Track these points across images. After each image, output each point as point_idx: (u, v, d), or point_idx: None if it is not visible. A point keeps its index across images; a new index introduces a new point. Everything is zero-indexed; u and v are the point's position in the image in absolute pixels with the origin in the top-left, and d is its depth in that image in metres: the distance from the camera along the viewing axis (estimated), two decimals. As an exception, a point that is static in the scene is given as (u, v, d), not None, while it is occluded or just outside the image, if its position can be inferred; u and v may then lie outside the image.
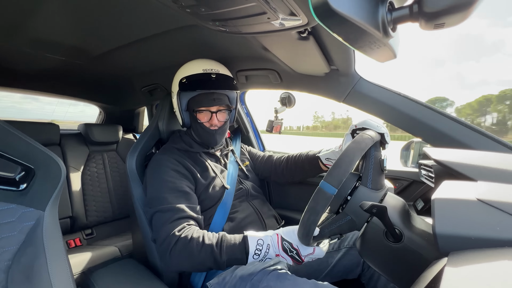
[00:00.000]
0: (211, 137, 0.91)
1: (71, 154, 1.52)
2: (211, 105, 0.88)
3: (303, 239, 0.58)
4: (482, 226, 0.37)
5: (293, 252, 0.64)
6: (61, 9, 0.74)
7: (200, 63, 0.92)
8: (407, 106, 0.89)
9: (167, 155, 0.87)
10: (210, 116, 0.90)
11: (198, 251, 0.67)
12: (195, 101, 0.88)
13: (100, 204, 1.58)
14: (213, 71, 0.89)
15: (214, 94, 0.88)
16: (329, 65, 0.92)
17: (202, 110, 0.89)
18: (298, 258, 0.64)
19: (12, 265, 0.49)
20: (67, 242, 1.44)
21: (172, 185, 0.79)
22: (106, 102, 1.84)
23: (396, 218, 0.58)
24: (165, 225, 0.72)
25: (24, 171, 0.52)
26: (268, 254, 0.66)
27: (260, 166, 1.10)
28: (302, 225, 0.57)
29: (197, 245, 0.68)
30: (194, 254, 0.67)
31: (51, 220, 0.54)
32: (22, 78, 1.33)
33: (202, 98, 0.88)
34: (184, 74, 0.89)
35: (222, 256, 0.67)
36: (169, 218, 0.73)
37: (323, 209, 0.53)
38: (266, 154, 1.13)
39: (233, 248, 0.67)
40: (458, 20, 0.34)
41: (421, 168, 0.89)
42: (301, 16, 0.57)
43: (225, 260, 0.67)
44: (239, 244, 0.68)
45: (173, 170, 0.82)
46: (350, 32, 0.37)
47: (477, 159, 0.54)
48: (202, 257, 0.67)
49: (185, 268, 0.70)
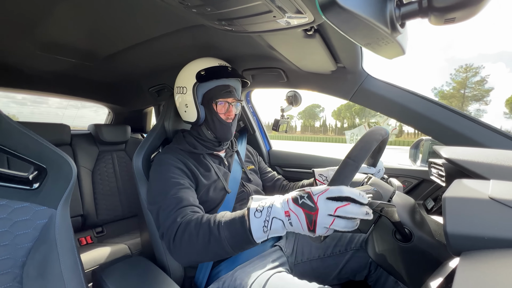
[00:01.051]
0: (228, 129, 0.92)
1: (82, 154, 1.55)
2: (228, 96, 0.90)
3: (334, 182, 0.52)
4: (496, 225, 0.36)
5: (304, 196, 0.51)
6: (71, 12, 0.76)
7: (212, 59, 0.94)
8: (417, 103, 0.88)
9: (170, 154, 0.87)
10: (227, 107, 0.91)
11: (196, 233, 0.61)
12: (212, 93, 0.90)
13: (110, 202, 1.61)
14: (225, 65, 0.93)
15: (230, 87, 0.91)
16: (335, 62, 0.91)
17: (221, 101, 0.90)
18: (310, 204, 0.49)
19: (27, 261, 0.51)
20: (79, 240, 1.48)
21: (174, 180, 0.79)
22: (114, 102, 1.87)
23: (406, 218, 0.58)
24: (169, 216, 0.70)
25: (37, 171, 0.53)
26: (272, 211, 0.53)
27: (263, 183, 1.09)
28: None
29: (195, 226, 0.62)
30: (193, 237, 0.62)
31: (63, 218, 0.56)
32: (33, 79, 1.36)
33: (220, 89, 0.89)
34: (200, 67, 0.90)
35: (221, 232, 0.58)
36: (172, 208, 0.71)
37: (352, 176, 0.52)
38: (275, 176, 1.12)
39: (233, 220, 0.58)
40: (468, 15, 0.33)
41: (431, 167, 0.87)
42: (307, 14, 0.57)
43: (227, 236, 0.58)
44: (240, 214, 0.58)
45: (176, 168, 0.83)
46: (357, 29, 0.37)
47: (490, 157, 0.52)
48: (201, 239, 0.60)
49: (191, 257, 0.65)
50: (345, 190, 0.49)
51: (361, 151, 0.54)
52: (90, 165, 1.58)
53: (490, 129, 0.78)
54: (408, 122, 0.90)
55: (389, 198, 0.63)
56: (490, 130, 0.78)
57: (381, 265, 0.64)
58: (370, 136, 0.56)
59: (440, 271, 0.43)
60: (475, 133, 0.79)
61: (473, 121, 0.80)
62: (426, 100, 0.87)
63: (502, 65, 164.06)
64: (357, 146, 0.55)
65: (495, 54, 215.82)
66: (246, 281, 0.73)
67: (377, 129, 0.59)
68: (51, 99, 7.91)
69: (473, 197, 0.40)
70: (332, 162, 1.23)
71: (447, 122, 0.83)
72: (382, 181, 0.70)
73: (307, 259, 0.90)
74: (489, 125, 0.79)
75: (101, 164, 1.63)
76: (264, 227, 0.53)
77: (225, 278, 0.78)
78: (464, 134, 0.80)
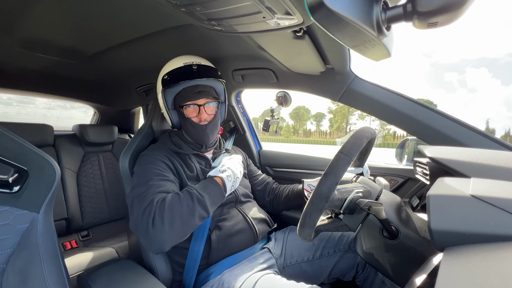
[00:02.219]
0: (203, 132, 0.88)
1: (66, 155, 1.50)
2: (196, 98, 0.85)
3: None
4: (476, 221, 0.38)
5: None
6: (54, 8, 0.73)
7: (181, 58, 0.90)
8: (402, 104, 0.90)
9: (155, 151, 0.85)
10: (198, 110, 0.87)
11: (179, 202, 0.69)
12: (180, 96, 0.86)
13: (96, 205, 1.56)
14: (194, 63, 0.88)
15: (199, 87, 0.86)
16: (324, 64, 0.93)
17: (189, 105, 0.86)
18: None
19: (7, 268, 0.48)
20: (63, 244, 1.43)
21: (157, 171, 0.77)
22: (100, 102, 1.82)
23: (392, 215, 0.59)
24: (144, 200, 0.69)
25: (17, 173, 0.51)
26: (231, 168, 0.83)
27: (253, 187, 1.07)
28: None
29: (174, 198, 0.70)
30: (176, 206, 0.68)
31: (46, 222, 0.54)
32: (14, 78, 1.30)
33: (187, 92, 0.85)
34: (166, 70, 0.88)
35: (202, 194, 0.73)
36: (149, 193, 0.70)
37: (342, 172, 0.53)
38: (265, 179, 1.11)
39: (205, 184, 0.77)
40: (450, 19, 0.35)
41: (416, 166, 0.90)
42: (296, 15, 0.57)
43: (206, 197, 0.73)
44: (208, 179, 0.79)
45: (160, 161, 0.81)
46: (345, 31, 0.38)
47: (471, 156, 0.55)
48: (185, 205, 0.69)
49: (173, 229, 0.66)
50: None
51: (353, 146, 0.56)
52: (74, 166, 1.52)
53: (471, 130, 0.82)
54: (394, 123, 0.92)
55: (377, 196, 0.65)
56: (472, 130, 0.82)
57: (369, 262, 0.66)
58: (361, 133, 0.58)
59: (425, 267, 0.44)
60: (457, 133, 0.82)
61: (456, 122, 0.84)
62: (412, 101, 0.90)
63: (485, 70, 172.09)
64: (349, 142, 0.57)
65: (476, 59, 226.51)
66: (234, 284, 0.72)
67: (366, 128, 0.61)
68: (38, 99, 7.61)
69: (455, 194, 0.42)
70: (322, 162, 1.25)
71: (431, 122, 0.86)
72: (370, 180, 0.72)
73: (296, 261, 0.90)
74: (470, 125, 0.82)
75: (87, 166, 1.58)
76: (228, 177, 0.79)
77: (212, 283, 0.77)
78: (448, 134, 0.83)
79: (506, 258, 0.32)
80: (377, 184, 0.70)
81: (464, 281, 0.30)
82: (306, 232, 0.55)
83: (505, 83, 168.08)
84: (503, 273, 0.29)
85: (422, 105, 0.88)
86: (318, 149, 28.01)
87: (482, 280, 0.29)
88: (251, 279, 0.72)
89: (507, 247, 0.34)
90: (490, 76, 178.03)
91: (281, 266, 0.90)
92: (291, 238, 0.95)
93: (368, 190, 0.65)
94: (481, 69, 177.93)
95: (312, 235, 0.58)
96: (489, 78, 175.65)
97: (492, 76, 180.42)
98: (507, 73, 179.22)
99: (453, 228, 0.38)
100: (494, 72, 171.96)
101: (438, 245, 0.39)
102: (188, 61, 0.88)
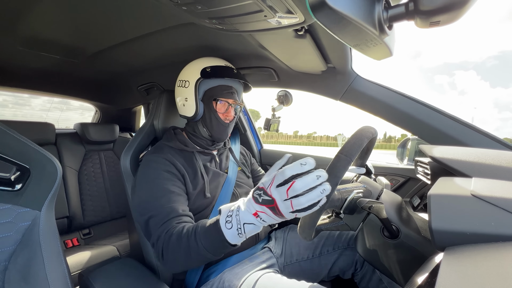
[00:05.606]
0: (224, 130, 0.91)
1: (67, 153, 1.51)
2: (229, 97, 0.90)
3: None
4: (477, 221, 0.37)
5: (261, 193, 0.50)
6: (55, 6, 0.73)
7: (218, 59, 0.94)
8: (404, 103, 0.90)
9: (158, 154, 0.84)
10: (227, 107, 0.91)
11: (178, 246, 0.63)
12: (214, 91, 0.89)
13: (97, 203, 1.57)
14: (233, 67, 0.94)
15: (232, 88, 0.91)
16: (326, 63, 0.92)
17: (222, 101, 0.90)
18: (267, 198, 0.49)
19: (8, 266, 0.49)
20: (65, 242, 1.43)
21: (163, 186, 0.77)
22: (102, 101, 1.83)
23: (393, 215, 0.59)
24: (157, 229, 0.69)
25: (19, 171, 0.51)
26: (241, 218, 0.53)
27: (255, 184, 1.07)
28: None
29: (177, 240, 0.64)
30: (175, 251, 0.64)
31: (48, 220, 0.54)
32: (15, 77, 1.31)
33: (223, 89, 0.89)
34: (206, 64, 0.90)
35: (199, 242, 0.60)
36: (160, 220, 0.70)
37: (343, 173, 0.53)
38: None
39: (208, 229, 0.59)
40: (452, 18, 0.34)
41: (417, 165, 0.90)
42: (297, 14, 0.57)
43: (206, 246, 0.59)
44: (213, 221, 0.58)
45: (164, 171, 0.80)
46: (346, 30, 0.38)
47: (472, 156, 0.54)
48: (183, 252, 0.62)
49: (179, 266, 0.66)
50: (287, 171, 0.47)
51: (353, 147, 0.55)
52: (76, 165, 1.53)
53: (473, 129, 0.81)
54: (395, 122, 0.92)
55: (377, 196, 0.65)
56: (473, 130, 0.81)
57: (369, 261, 0.66)
58: (361, 133, 0.58)
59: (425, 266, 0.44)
60: (459, 133, 0.82)
61: (458, 121, 0.83)
62: (413, 100, 0.89)
63: (473, 73, 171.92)
64: (349, 142, 0.56)
65: (458, 63, 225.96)
66: (235, 282, 0.72)
67: (367, 128, 0.61)
68: (33, 101, 7.54)
69: (456, 194, 0.42)
70: (323, 161, 1.25)
71: (433, 122, 0.85)
72: (371, 180, 0.71)
73: (296, 260, 0.91)
74: (472, 125, 0.82)
75: (88, 164, 1.58)
76: (239, 234, 0.54)
77: (213, 281, 0.77)
78: (449, 133, 0.83)
79: (507, 258, 0.32)
80: (378, 184, 0.70)
81: (464, 280, 0.30)
82: (306, 231, 0.55)
83: (493, 85, 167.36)
84: (504, 273, 0.29)
85: (424, 105, 0.88)
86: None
87: (483, 280, 0.29)
88: (251, 278, 0.72)
89: (508, 247, 0.34)
90: (479, 79, 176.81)
91: (282, 265, 0.90)
92: (290, 237, 0.96)
93: (369, 190, 0.65)
94: (470, 71, 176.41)
95: (313, 234, 0.58)
96: (478, 80, 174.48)
97: (480, 79, 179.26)
98: (494, 76, 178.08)
99: (454, 228, 0.38)
100: (483, 74, 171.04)
101: (438, 244, 0.39)
102: (225, 63, 0.94)
